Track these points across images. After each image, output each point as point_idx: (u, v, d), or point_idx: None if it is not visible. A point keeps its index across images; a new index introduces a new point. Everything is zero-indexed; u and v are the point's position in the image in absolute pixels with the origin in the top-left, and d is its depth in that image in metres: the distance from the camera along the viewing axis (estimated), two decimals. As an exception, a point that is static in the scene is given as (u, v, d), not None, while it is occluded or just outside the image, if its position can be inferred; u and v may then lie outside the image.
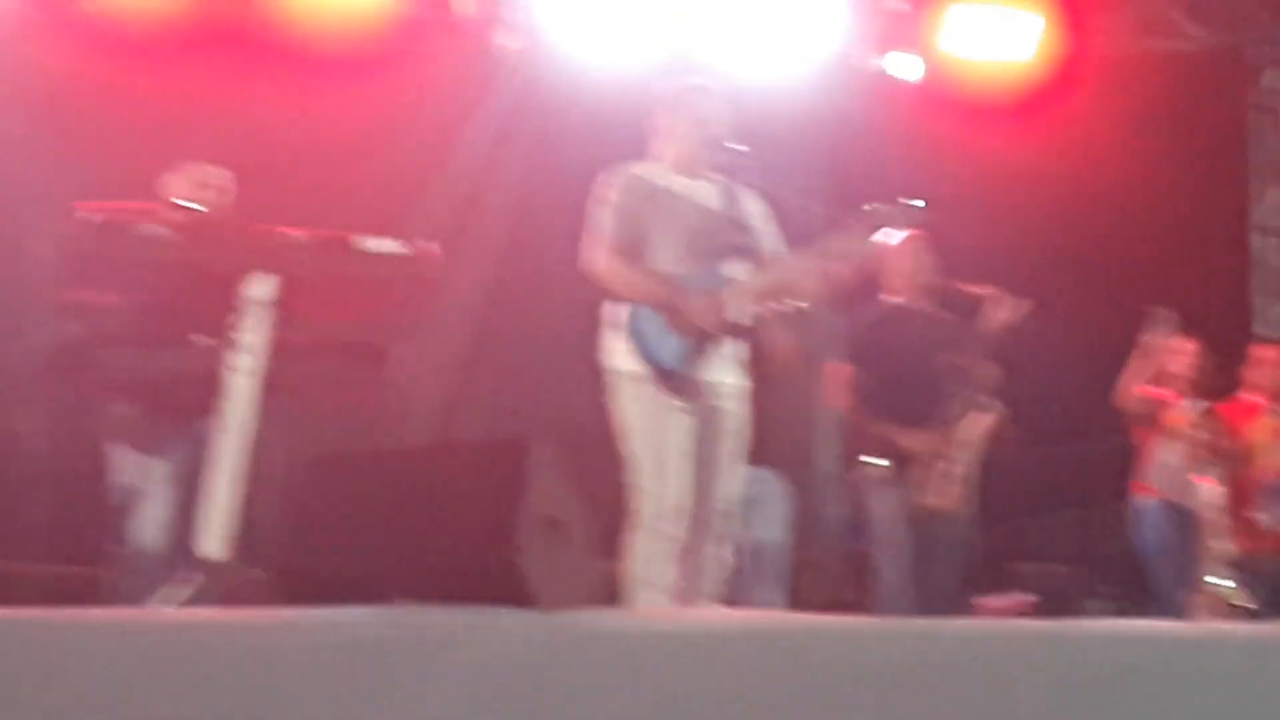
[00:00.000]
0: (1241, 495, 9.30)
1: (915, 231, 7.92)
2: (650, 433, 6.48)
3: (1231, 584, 8.86)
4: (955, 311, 8.15)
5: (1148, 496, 9.21)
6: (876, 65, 11.60)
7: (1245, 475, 9.41)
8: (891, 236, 7.72)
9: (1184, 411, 9.24)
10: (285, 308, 5.82)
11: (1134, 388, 9.21)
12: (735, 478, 6.61)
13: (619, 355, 6.60)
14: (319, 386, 6.34)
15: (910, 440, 7.91)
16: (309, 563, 4.70)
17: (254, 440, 5.76)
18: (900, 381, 7.97)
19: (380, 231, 6.11)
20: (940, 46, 11.65)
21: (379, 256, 6.00)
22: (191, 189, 6.99)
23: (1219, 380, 9.50)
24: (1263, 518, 9.40)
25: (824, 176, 11.30)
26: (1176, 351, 9.32)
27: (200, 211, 6.59)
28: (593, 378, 6.76)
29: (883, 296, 8.26)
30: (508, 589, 4.29)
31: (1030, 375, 10.32)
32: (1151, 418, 9.22)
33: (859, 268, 6.71)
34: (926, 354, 7.98)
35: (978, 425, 7.95)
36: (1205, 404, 9.29)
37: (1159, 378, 9.30)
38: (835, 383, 8.20)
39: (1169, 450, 9.10)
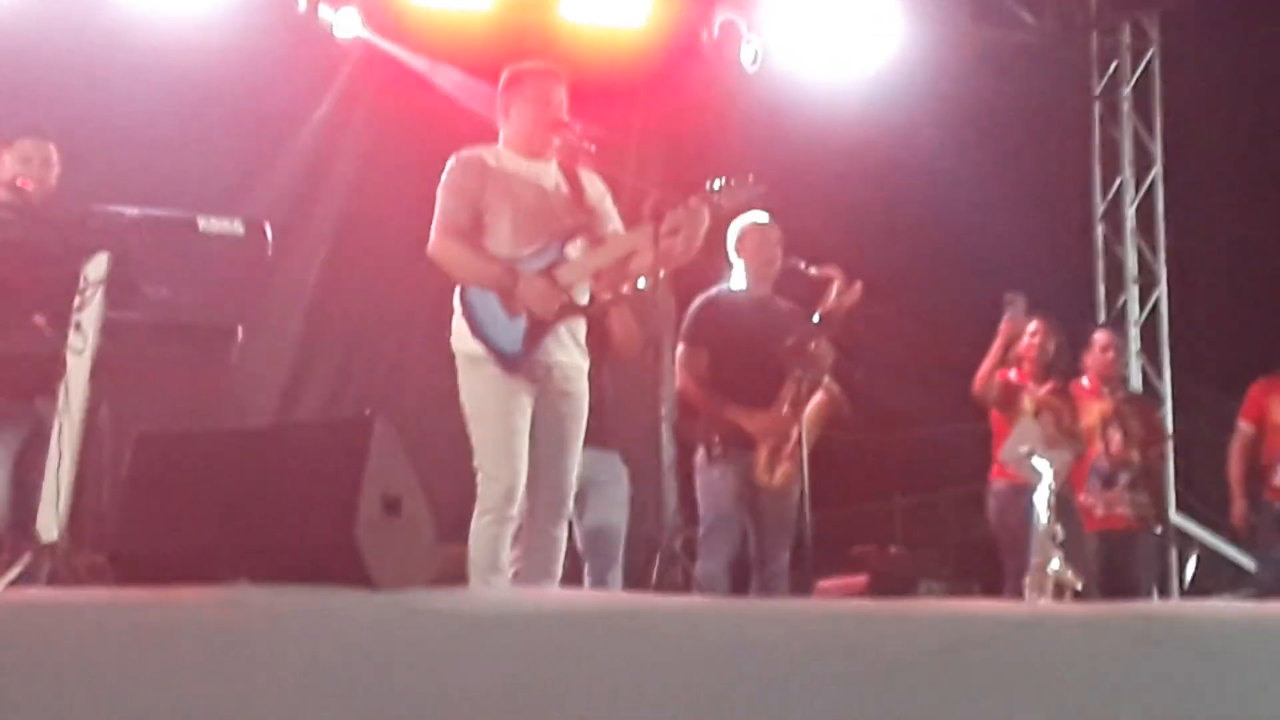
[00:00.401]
0: (1073, 478, 9.43)
1: (761, 218, 7.96)
2: (492, 414, 6.48)
3: (1060, 564, 8.97)
4: (797, 293, 8.19)
5: (1000, 479, 9.31)
6: (717, 43, 11.59)
7: (1077, 459, 9.54)
8: (735, 216, 7.79)
9: (1032, 393, 9.35)
10: (122, 286, 5.77)
11: (990, 372, 9.29)
12: (575, 458, 6.63)
13: (459, 336, 6.60)
14: (161, 366, 6.29)
15: (747, 422, 7.96)
16: (144, 544, 4.65)
17: (91, 420, 5.71)
18: (737, 363, 8.01)
19: (215, 211, 6.08)
20: (777, 27, 11.69)
21: (215, 236, 5.96)
22: (16, 165, 6.89)
23: (1067, 363, 9.61)
24: (1091, 500, 9.55)
25: (663, 156, 11.35)
26: (1026, 334, 9.43)
27: (31, 191, 6.50)
28: (441, 361, 6.76)
29: (725, 279, 8.30)
30: (346, 569, 4.28)
31: (872, 360, 10.45)
32: (1007, 401, 9.30)
33: (695, 247, 6.71)
34: (764, 336, 8.02)
35: (813, 407, 7.99)
36: (1053, 384, 9.39)
37: (1013, 361, 9.39)
38: (676, 364, 8.25)
39: (1020, 433, 9.21)
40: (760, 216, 8.07)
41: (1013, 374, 9.39)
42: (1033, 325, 9.49)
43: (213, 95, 10.11)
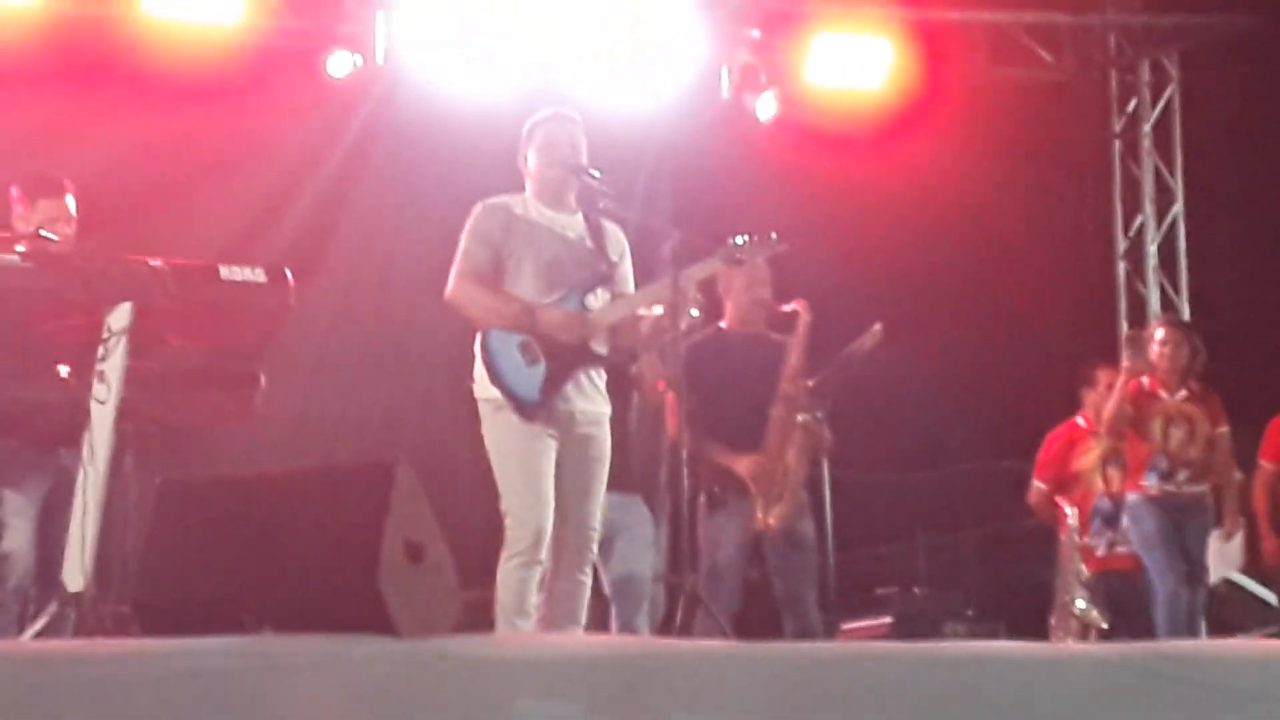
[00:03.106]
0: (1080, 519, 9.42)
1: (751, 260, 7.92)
2: (517, 459, 6.50)
3: (1085, 604, 8.96)
4: (780, 331, 8.14)
5: (1135, 492, 9.27)
6: (734, 96, 11.63)
7: (1078, 500, 9.51)
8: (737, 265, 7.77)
9: (1164, 401, 9.28)
10: (146, 336, 5.79)
11: (1116, 417, 9.22)
12: (598, 503, 6.64)
13: (480, 383, 6.62)
14: (185, 415, 6.30)
15: (737, 465, 7.92)
16: (168, 593, 4.66)
17: (115, 470, 5.71)
18: (724, 406, 7.97)
19: (232, 259, 6.09)
20: (796, 75, 11.73)
21: (237, 284, 5.98)
22: (35, 215, 6.91)
23: (1203, 366, 9.52)
24: (1095, 542, 9.49)
25: (684, 207, 11.35)
26: (1155, 342, 9.36)
27: (56, 240, 6.52)
28: (462, 406, 6.77)
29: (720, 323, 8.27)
30: (370, 617, 4.29)
31: (895, 400, 10.44)
32: (1140, 412, 9.22)
33: (689, 303, 6.75)
34: (753, 376, 7.98)
35: (801, 446, 7.91)
36: (1187, 391, 9.34)
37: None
38: (668, 409, 8.20)
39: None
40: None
41: (1145, 380, 9.32)
42: (1160, 332, 9.45)
43: (228, 143, 10.14)
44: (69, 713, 3.72)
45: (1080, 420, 9.78)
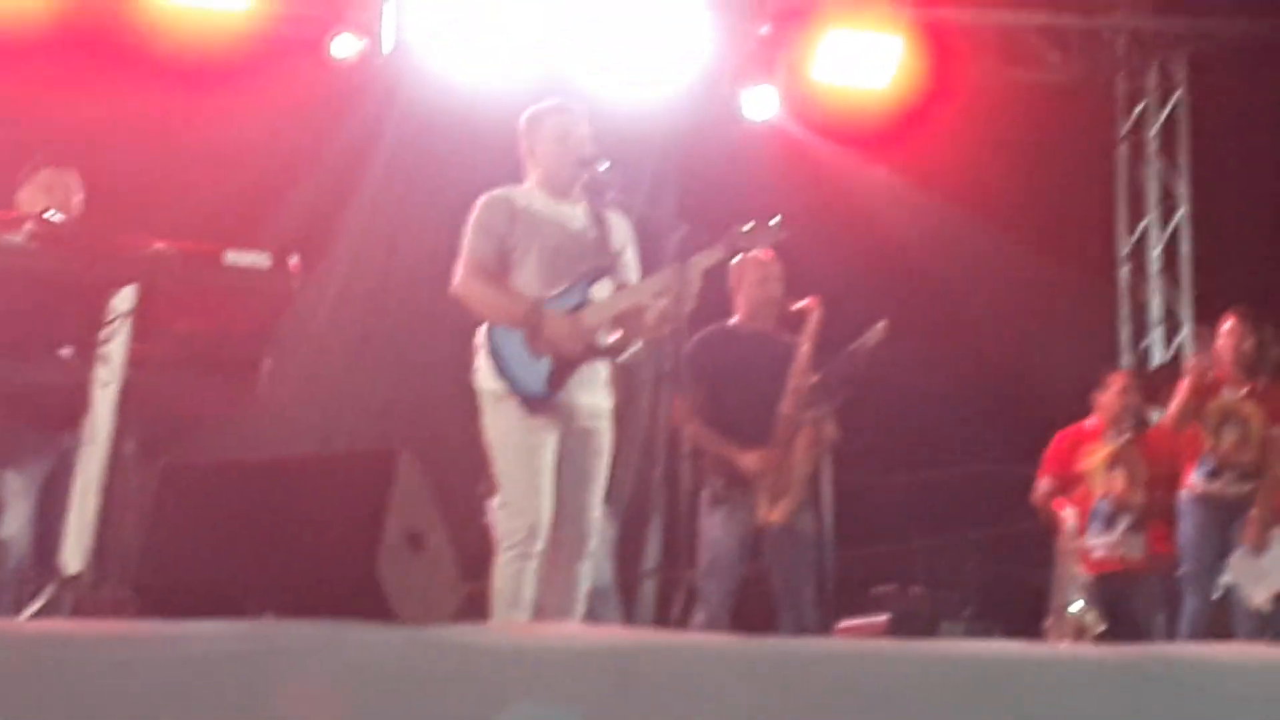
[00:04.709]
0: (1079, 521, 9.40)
1: (759, 252, 7.92)
2: (516, 451, 6.50)
3: (1082, 606, 8.96)
4: (791, 329, 8.15)
5: (1186, 489, 9.25)
6: (740, 91, 11.63)
7: (1080, 501, 9.50)
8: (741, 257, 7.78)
9: (1225, 396, 9.20)
10: (150, 320, 5.79)
11: (1181, 417, 9.17)
12: (598, 496, 6.64)
13: (484, 374, 6.62)
14: (187, 399, 6.30)
15: (740, 459, 7.92)
16: (168, 576, 4.67)
17: (116, 453, 5.71)
18: (733, 399, 7.98)
19: (236, 244, 6.10)
20: (803, 72, 11.72)
21: (241, 269, 5.98)
22: (40, 196, 6.91)
23: (1276, 361, 9.42)
24: (1094, 544, 9.46)
25: (689, 203, 11.35)
26: (1221, 333, 9.26)
27: (60, 222, 6.52)
28: (464, 397, 6.78)
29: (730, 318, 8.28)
30: (369, 603, 4.30)
31: (895, 400, 10.43)
32: (1200, 404, 9.16)
33: (686, 307, 6.75)
34: (761, 371, 7.99)
35: (807, 442, 7.92)
36: (1253, 386, 9.24)
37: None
38: (674, 404, 8.20)
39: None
40: (756, 253, 8.00)
41: (1210, 373, 9.21)
42: (1228, 323, 9.31)
43: (235, 128, 10.14)
44: (64, 693, 3.72)
45: (1090, 422, 9.77)
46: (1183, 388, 9.15)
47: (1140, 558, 9.45)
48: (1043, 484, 9.66)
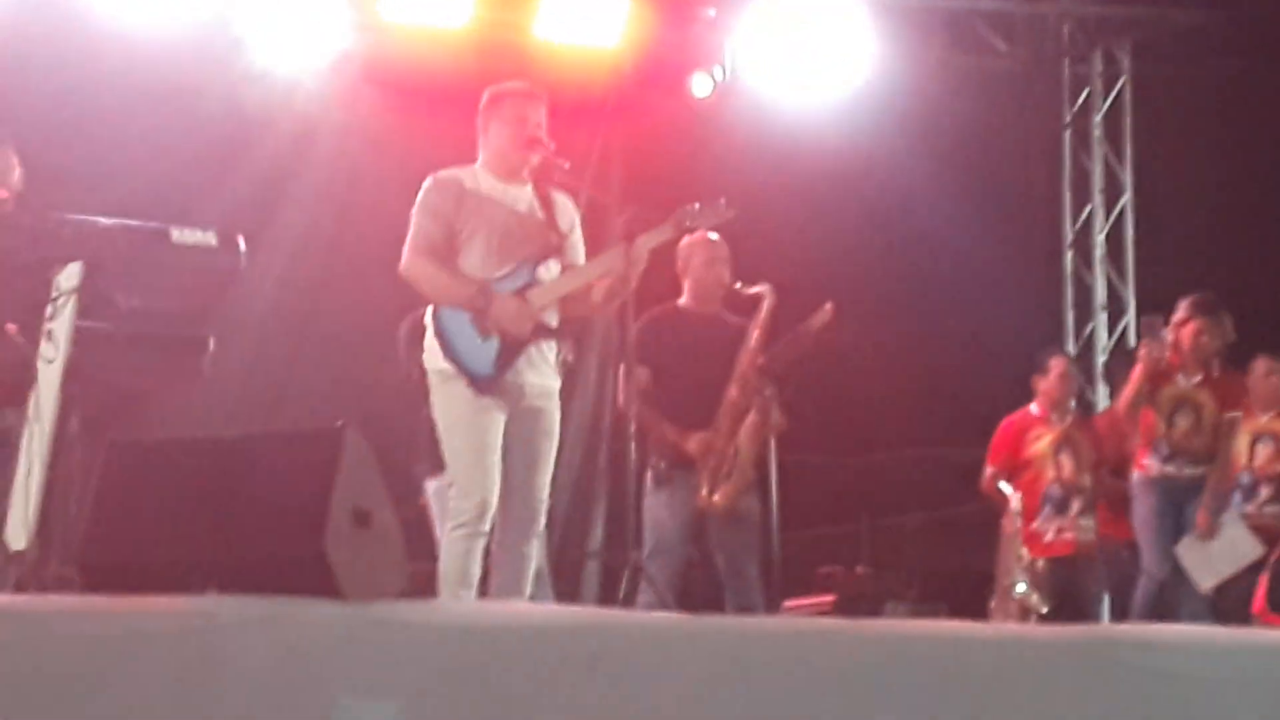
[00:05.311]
0: (1027, 506, 9.42)
1: (707, 233, 7.93)
2: (464, 430, 6.52)
3: (1025, 588, 9.00)
4: (740, 313, 8.15)
5: (1139, 471, 9.28)
6: (683, 72, 11.65)
7: (1029, 485, 9.53)
8: (692, 237, 7.81)
9: (1178, 384, 9.24)
10: (95, 297, 5.77)
11: (1132, 405, 9.21)
12: (547, 476, 6.65)
13: (431, 354, 6.62)
14: (133, 377, 6.28)
15: (683, 442, 7.92)
16: (114, 554, 4.64)
17: (61, 430, 5.70)
18: (678, 381, 7.98)
19: (183, 221, 6.09)
20: (748, 54, 11.73)
21: (188, 247, 5.97)
22: None
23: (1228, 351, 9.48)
24: (1044, 528, 9.49)
25: (630, 179, 11.38)
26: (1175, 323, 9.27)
27: (3, 199, 6.50)
28: (412, 376, 6.79)
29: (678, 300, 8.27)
30: (315, 580, 4.29)
31: (842, 382, 10.46)
32: (1153, 389, 9.19)
33: (628, 287, 6.77)
34: (707, 353, 7.99)
35: (753, 426, 7.91)
36: (1204, 376, 9.32)
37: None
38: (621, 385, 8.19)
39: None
40: (709, 234, 8.01)
41: (1164, 359, 9.23)
42: (1189, 313, 9.35)
43: (183, 104, 10.08)
44: (10, 666, 3.71)
45: (1033, 407, 9.80)
46: (1136, 373, 9.22)
47: (1092, 540, 9.52)
48: (990, 471, 9.69)
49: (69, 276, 5.78)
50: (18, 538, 5.61)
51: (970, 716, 4.15)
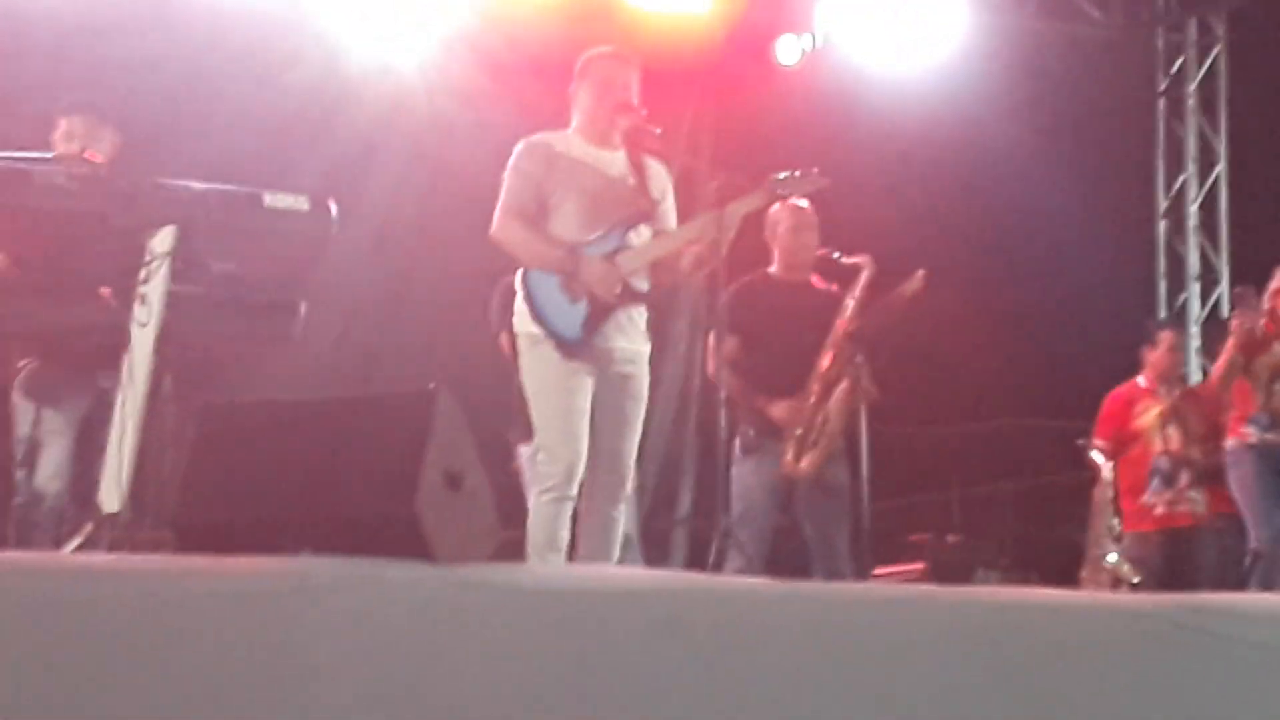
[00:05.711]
0: (1134, 479, 9.35)
1: (798, 203, 7.91)
2: (553, 394, 6.52)
3: (1117, 559, 8.95)
4: (835, 282, 8.12)
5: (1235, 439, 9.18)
6: (773, 39, 11.63)
7: (1137, 458, 9.46)
8: (780, 205, 7.79)
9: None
10: (188, 261, 5.81)
11: (1225, 380, 9.09)
12: (634, 441, 6.65)
13: (520, 318, 6.63)
14: (225, 341, 6.32)
15: (770, 409, 7.90)
16: (207, 515, 4.67)
17: (154, 393, 5.74)
18: (767, 349, 7.96)
19: (272, 186, 6.11)
20: (841, 23, 11.69)
21: (280, 211, 5.99)
22: (61, 142, 6.91)
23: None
24: (1152, 500, 9.42)
25: (720, 146, 11.36)
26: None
27: (99, 163, 6.54)
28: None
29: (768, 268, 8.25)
30: (407, 541, 4.30)
31: (933, 351, 10.42)
32: (1251, 355, 9.04)
33: (720, 253, 6.76)
34: (796, 322, 7.97)
35: (844, 395, 7.88)
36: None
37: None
38: (710, 352, 8.18)
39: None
40: (797, 201, 7.99)
41: (1260, 328, 8.97)
42: (1276, 279, 9.10)
43: (277, 70, 10.13)
44: (103, 625, 3.74)
45: (1141, 380, 9.71)
46: (1229, 344, 9.11)
47: (1204, 512, 9.42)
48: (1097, 444, 9.59)
49: (162, 240, 5.81)
50: (111, 500, 5.66)
51: (1060, 685, 4.13)
